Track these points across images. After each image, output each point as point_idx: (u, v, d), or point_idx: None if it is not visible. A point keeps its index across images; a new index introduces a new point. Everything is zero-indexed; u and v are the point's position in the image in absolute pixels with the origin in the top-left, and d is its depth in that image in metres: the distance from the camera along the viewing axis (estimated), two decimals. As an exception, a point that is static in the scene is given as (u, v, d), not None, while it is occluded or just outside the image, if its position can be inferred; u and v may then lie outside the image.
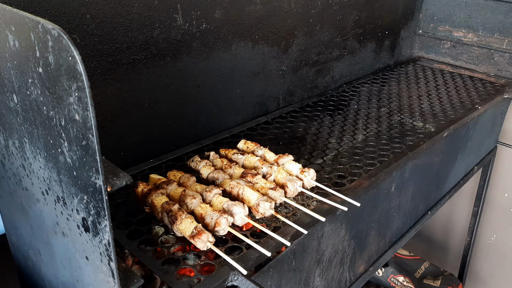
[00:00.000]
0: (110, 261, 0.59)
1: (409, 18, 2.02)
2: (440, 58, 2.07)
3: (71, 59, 0.48)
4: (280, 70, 1.46)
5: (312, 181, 1.03)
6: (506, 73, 1.89)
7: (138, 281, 0.68)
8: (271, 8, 1.34)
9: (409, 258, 2.14)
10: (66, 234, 0.68)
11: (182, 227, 0.84)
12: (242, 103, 1.38)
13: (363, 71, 1.87)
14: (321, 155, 1.23)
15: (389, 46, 1.98)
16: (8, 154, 0.74)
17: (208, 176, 1.04)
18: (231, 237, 0.88)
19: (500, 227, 2.20)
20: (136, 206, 0.96)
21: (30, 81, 0.57)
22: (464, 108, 1.57)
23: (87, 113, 0.49)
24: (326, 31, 1.58)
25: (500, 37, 1.87)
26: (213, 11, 1.18)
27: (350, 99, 1.64)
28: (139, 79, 1.08)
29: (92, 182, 0.54)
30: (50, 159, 0.62)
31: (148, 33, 1.05)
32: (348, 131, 1.38)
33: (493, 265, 2.28)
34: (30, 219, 0.79)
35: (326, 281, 1.10)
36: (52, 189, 0.65)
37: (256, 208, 0.92)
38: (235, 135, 1.32)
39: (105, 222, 0.56)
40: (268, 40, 1.38)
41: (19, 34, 0.55)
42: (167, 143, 1.20)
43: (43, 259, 0.82)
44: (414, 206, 1.43)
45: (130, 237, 0.87)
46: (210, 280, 0.77)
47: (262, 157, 1.12)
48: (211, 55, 1.22)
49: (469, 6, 1.93)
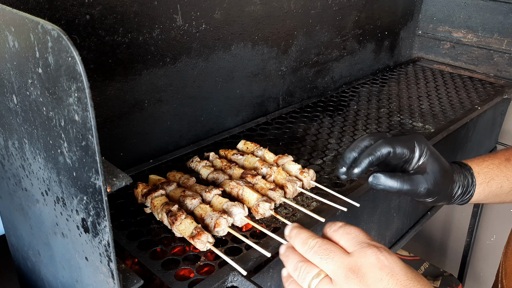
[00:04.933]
0: (110, 261, 0.59)
1: (409, 18, 2.02)
2: (440, 58, 2.08)
3: (71, 60, 0.48)
4: (280, 71, 1.46)
5: (312, 182, 1.03)
6: (506, 73, 1.89)
7: (137, 282, 0.68)
8: (270, 9, 1.34)
9: (409, 259, 2.14)
10: (65, 234, 0.68)
11: (181, 228, 0.84)
12: (242, 104, 1.38)
13: (362, 71, 1.87)
14: (321, 155, 1.23)
15: (389, 47, 1.98)
16: (7, 154, 0.74)
17: (208, 177, 1.04)
18: (231, 238, 0.88)
19: (500, 228, 2.20)
20: (136, 207, 0.96)
21: (29, 81, 0.57)
22: (463, 108, 1.57)
23: (86, 114, 0.49)
24: (325, 32, 1.58)
25: (499, 38, 1.87)
26: (212, 11, 1.18)
27: (350, 99, 1.64)
28: (139, 79, 1.08)
29: (91, 182, 0.54)
30: (49, 159, 0.62)
31: (148, 33, 1.05)
32: (348, 131, 1.38)
33: (493, 266, 2.28)
34: (29, 219, 0.79)
35: (326, 281, 1.10)
36: (52, 190, 0.65)
37: (255, 208, 0.92)
38: (235, 135, 1.32)
39: (105, 222, 0.56)
40: (268, 41, 1.38)
41: (18, 35, 0.55)
42: (166, 144, 1.20)
43: (42, 259, 0.82)
44: (414, 207, 1.43)
45: (130, 237, 0.87)
46: (210, 280, 0.77)
47: (262, 157, 1.12)
48: (211, 55, 1.22)
49: (468, 7, 1.93)
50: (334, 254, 0.52)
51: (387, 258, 0.50)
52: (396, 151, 0.70)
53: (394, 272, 0.49)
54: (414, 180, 0.70)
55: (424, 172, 0.71)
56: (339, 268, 0.51)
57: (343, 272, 0.50)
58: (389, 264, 0.50)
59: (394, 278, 0.49)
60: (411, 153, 0.71)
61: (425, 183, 0.71)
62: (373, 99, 1.64)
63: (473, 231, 2.14)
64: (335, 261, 0.51)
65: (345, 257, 0.52)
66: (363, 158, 0.69)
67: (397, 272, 0.49)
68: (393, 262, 0.50)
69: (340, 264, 0.51)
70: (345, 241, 0.53)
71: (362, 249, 0.51)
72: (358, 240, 0.53)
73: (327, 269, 0.52)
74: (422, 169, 0.71)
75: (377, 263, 0.50)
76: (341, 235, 0.54)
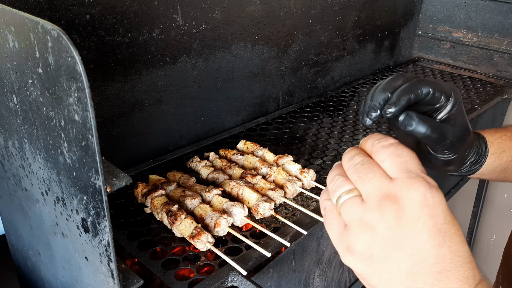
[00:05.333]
0: (110, 261, 0.59)
1: (409, 18, 2.02)
2: (440, 58, 2.08)
3: (71, 60, 0.48)
4: (280, 71, 1.46)
5: (311, 182, 1.03)
6: (506, 73, 1.89)
7: (137, 282, 0.68)
8: (270, 9, 1.34)
9: (409, 259, 2.13)
10: (65, 234, 0.68)
11: (181, 228, 0.84)
12: (242, 104, 1.38)
13: (362, 71, 1.87)
14: (321, 155, 1.23)
15: (389, 47, 1.98)
16: (7, 154, 0.74)
17: (208, 177, 1.04)
18: (231, 238, 0.88)
19: (500, 228, 2.20)
20: (136, 207, 0.96)
21: (29, 81, 0.57)
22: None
23: (86, 114, 0.49)
24: (325, 32, 1.58)
25: (499, 38, 1.87)
26: (212, 11, 1.18)
27: (350, 99, 1.64)
28: (139, 79, 1.08)
29: (91, 182, 0.54)
30: (49, 159, 0.62)
31: (148, 33, 1.05)
32: (348, 131, 1.38)
33: (493, 266, 2.27)
34: (29, 219, 0.79)
35: (326, 281, 1.10)
36: (52, 190, 0.65)
37: (255, 208, 0.92)
38: (235, 135, 1.32)
39: (105, 222, 0.56)
40: (268, 41, 1.38)
41: (18, 35, 0.55)
42: (166, 144, 1.20)
43: (42, 259, 0.82)
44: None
45: (130, 237, 0.87)
46: (210, 280, 0.77)
47: (262, 157, 1.12)
48: (211, 55, 1.22)
49: (468, 7, 1.93)
50: (374, 175, 0.47)
51: (433, 197, 0.45)
52: (435, 93, 0.63)
53: (435, 214, 0.45)
54: (444, 129, 0.64)
55: (453, 124, 0.65)
56: (375, 191, 0.46)
57: (378, 196, 0.46)
58: (432, 204, 0.45)
59: (432, 220, 0.45)
60: (446, 100, 0.65)
61: (452, 135, 0.65)
62: (373, 99, 1.64)
63: (473, 231, 2.14)
64: (372, 183, 0.46)
65: (386, 182, 0.46)
66: (402, 95, 0.60)
67: (437, 214, 0.45)
68: (437, 203, 0.45)
69: (378, 188, 0.46)
70: (392, 164, 0.47)
71: (408, 179, 0.46)
72: (406, 167, 0.47)
73: (362, 188, 0.47)
74: (451, 120, 0.65)
75: (421, 200, 0.45)
76: (388, 155, 0.48)
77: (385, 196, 0.45)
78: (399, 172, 0.46)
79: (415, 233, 0.45)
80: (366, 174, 0.47)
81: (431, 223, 0.45)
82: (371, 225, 0.46)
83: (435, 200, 0.45)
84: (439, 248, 0.45)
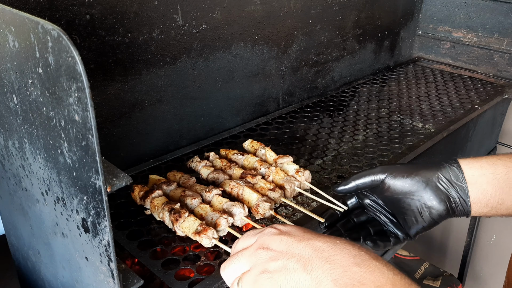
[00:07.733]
0: (110, 261, 0.59)
1: (409, 18, 2.02)
2: (440, 58, 2.08)
3: (71, 60, 0.48)
4: (280, 71, 1.46)
5: (305, 183, 1.01)
6: (506, 73, 1.89)
7: (137, 282, 0.68)
8: (270, 9, 1.34)
9: (409, 259, 2.14)
10: (65, 234, 0.68)
11: (185, 225, 0.84)
12: (242, 104, 1.38)
13: (362, 71, 1.87)
14: (321, 155, 1.23)
15: (389, 47, 1.98)
16: (7, 154, 0.74)
17: (208, 177, 1.04)
18: (231, 238, 0.88)
19: (500, 228, 2.20)
20: (136, 207, 0.96)
21: (29, 81, 0.57)
22: (463, 108, 1.57)
23: (86, 114, 0.49)
24: (325, 32, 1.58)
25: (499, 38, 1.87)
26: (212, 11, 1.18)
27: (350, 99, 1.64)
28: (139, 79, 1.08)
29: (92, 182, 0.54)
30: (49, 159, 0.62)
31: (148, 33, 1.05)
32: (348, 131, 1.38)
33: (493, 266, 2.28)
34: (29, 219, 0.79)
35: (326, 281, 1.09)
36: (52, 190, 0.65)
37: (256, 208, 0.92)
38: (235, 135, 1.32)
39: (105, 222, 0.56)
40: (268, 41, 1.38)
41: (18, 35, 0.55)
42: (166, 144, 1.20)
43: (42, 259, 0.82)
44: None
45: (129, 237, 0.87)
46: (210, 280, 0.77)
47: (263, 156, 1.12)
48: (211, 55, 1.22)
49: (468, 7, 1.93)
50: (240, 253, 0.62)
51: (282, 226, 0.62)
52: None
53: (291, 233, 0.60)
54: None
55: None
56: (250, 257, 0.60)
57: (253, 254, 0.60)
58: (285, 229, 0.61)
59: (291, 236, 0.59)
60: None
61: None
62: (373, 99, 1.64)
63: (473, 231, 2.14)
64: (243, 256, 0.61)
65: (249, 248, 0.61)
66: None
67: (293, 232, 0.60)
68: (288, 227, 0.61)
69: (248, 255, 0.60)
70: (245, 242, 0.64)
71: (258, 234, 0.62)
72: (253, 233, 0.64)
73: (243, 266, 0.61)
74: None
75: (275, 231, 0.61)
76: (241, 243, 0.64)
77: (257, 249, 0.61)
78: (253, 238, 0.64)
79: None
80: (236, 258, 0.62)
81: (291, 239, 0.60)
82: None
83: (285, 227, 0.63)
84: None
